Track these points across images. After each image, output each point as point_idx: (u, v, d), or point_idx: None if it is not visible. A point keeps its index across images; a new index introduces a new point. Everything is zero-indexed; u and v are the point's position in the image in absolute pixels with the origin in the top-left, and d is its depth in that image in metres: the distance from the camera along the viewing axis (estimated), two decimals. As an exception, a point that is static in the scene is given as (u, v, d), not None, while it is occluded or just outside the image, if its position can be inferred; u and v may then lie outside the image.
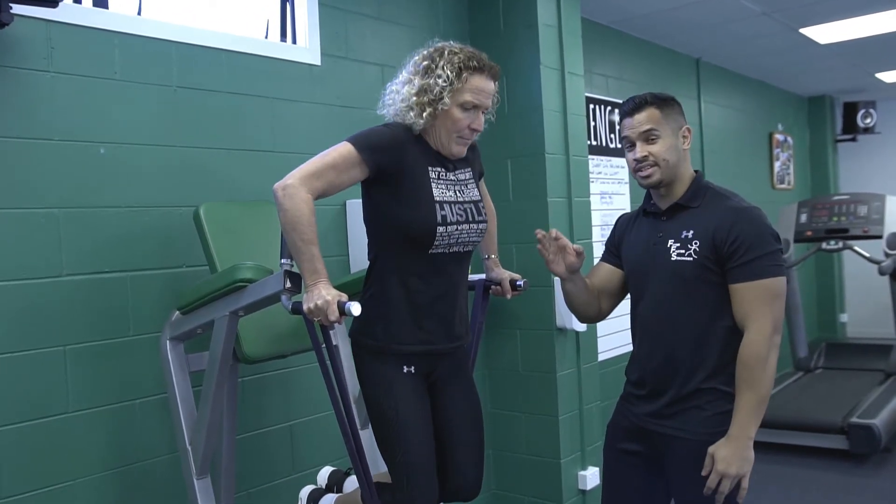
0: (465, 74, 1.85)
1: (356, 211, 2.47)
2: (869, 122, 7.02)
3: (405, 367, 1.88)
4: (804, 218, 5.63)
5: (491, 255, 2.20)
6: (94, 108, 2.18)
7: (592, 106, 4.18)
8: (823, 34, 4.94)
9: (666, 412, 1.88)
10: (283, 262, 1.82)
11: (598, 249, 3.45)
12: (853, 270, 7.28)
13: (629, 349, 2.07)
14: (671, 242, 1.88)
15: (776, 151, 6.59)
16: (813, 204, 5.71)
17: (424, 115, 1.84)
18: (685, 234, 1.87)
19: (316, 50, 2.79)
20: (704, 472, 1.77)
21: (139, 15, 2.29)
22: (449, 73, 1.83)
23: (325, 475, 2.38)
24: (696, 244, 1.84)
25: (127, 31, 2.25)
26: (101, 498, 2.16)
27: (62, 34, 2.12)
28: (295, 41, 2.73)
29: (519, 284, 2.15)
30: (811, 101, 7.39)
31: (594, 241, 3.57)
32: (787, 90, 6.90)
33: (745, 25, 4.63)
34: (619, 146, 4.28)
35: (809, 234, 5.59)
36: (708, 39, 4.93)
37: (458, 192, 1.93)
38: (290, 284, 1.79)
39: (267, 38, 2.64)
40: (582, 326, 3.23)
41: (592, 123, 4.18)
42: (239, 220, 2.28)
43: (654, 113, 1.89)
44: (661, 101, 1.91)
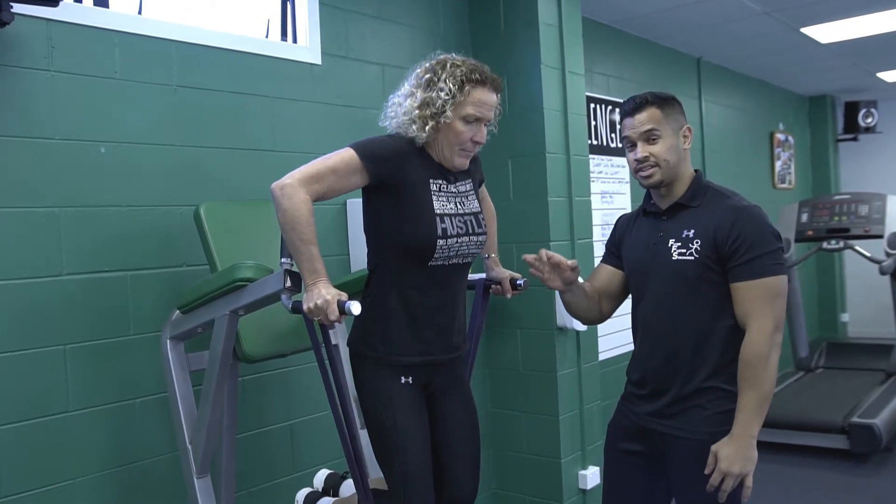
0: (467, 87, 1.84)
1: (356, 210, 2.47)
2: (870, 121, 7.01)
3: (403, 377, 1.88)
4: (805, 217, 5.63)
5: (491, 254, 2.20)
6: (94, 107, 2.18)
7: (593, 105, 4.18)
8: (824, 34, 4.93)
9: (667, 412, 1.88)
10: (283, 261, 1.82)
11: (598, 249, 3.45)
12: (854, 270, 7.28)
13: (630, 348, 2.07)
14: (672, 242, 1.88)
15: (777, 151, 6.59)
16: (814, 203, 5.70)
17: (427, 128, 1.84)
18: (686, 233, 1.86)
19: (316, 49, 2.79)
20: (707, 470, 1.77)
21: (140, 14, 2.29)
22: (451, 86, 1.83)
23: (321, 478, 2.38)
24: (697, 243, 1.83)
25: (127, 30, 2.25)
26: (100, 497, 2.16)
27: (63, 33, 2.12)
28: (295, 40, 2.73)
29: (519, 284, 2.15)
30: (812, 100, 7.38)
31: (595, 240, 3.56)
32: (788, 90, 6.89)
33: (745, 25, 4.62)
34: (619, 145, 4.27)
35: (810, 233, 5.58)
36: (709, 39, 4.93)
37: (458, 204, 1.92)
38: (290, 283, 1.79)
39: (267, 37, 2.64)
40: (582, 326, 3.22)
41: (593, 123, 4.17)
42: (239, 219, 2.28)
43: (654, 113, 1.88)
44: (661, 100, 1.90)
